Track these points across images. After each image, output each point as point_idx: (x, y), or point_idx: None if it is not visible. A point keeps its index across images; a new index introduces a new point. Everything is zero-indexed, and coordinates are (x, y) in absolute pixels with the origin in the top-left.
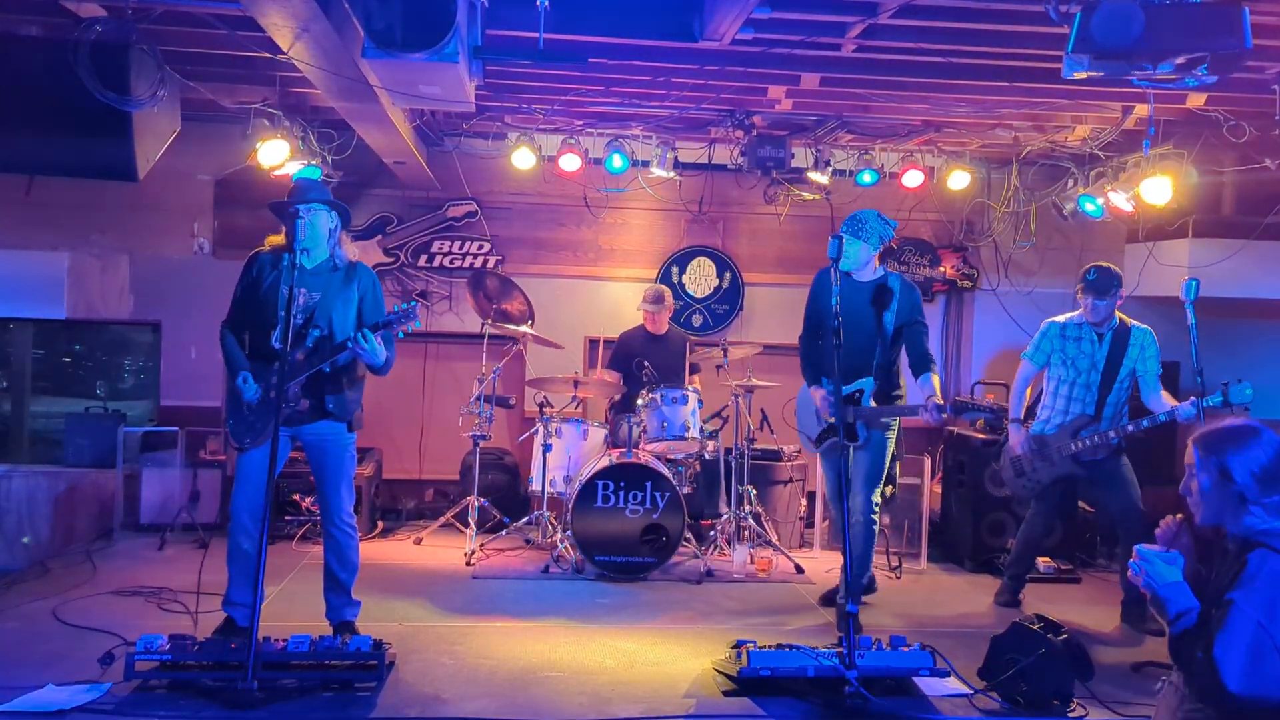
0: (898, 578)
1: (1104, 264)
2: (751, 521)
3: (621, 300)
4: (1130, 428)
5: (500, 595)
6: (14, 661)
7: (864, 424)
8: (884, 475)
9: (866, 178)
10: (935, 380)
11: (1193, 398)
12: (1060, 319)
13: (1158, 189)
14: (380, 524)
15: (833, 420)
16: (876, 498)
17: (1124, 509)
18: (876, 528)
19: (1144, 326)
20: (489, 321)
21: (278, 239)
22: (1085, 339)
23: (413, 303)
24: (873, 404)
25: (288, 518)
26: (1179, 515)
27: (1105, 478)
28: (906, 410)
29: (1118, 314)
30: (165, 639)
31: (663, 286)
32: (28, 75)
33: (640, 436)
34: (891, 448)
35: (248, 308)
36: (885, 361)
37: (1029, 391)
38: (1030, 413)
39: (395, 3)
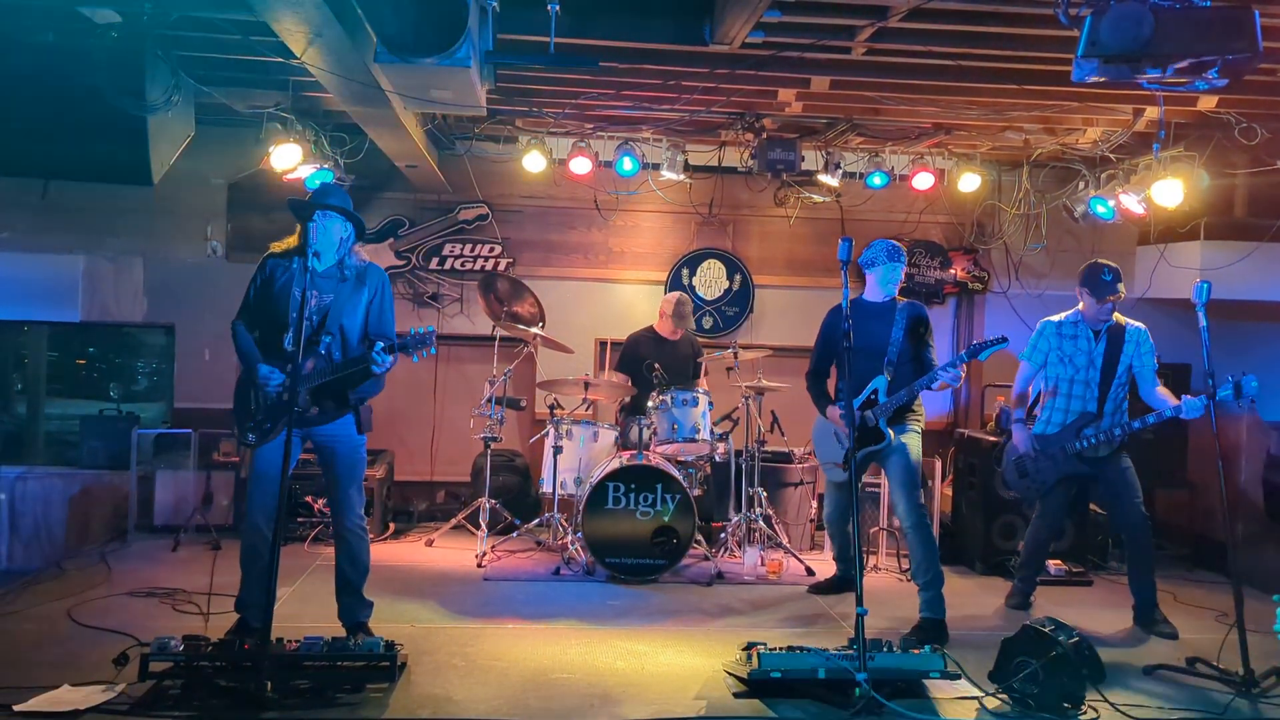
0: (908, 580)
1: (1112, 263)
2: (762, 524)
3: (632, 302)
4: (1136, 424)
5: (511, 597)
6: (30, 662)
7: (886, 422)
8: (920, 477)
9: (877, 180)
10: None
11: (1202, 394)
12: (1056, 318)
13: (1169, 191)
14: (392, 525)
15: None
16: (921, 499)
17: (1127, 514)
18: (930, 524)
19: (1138, 324)
20: (500, 324)
21: (291, 240)
22: (1081, 336)
23: (430, 329)
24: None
25: (300, 519)
26: None
27: (1109, 481)
28: (926, 381)
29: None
30: (179, 640)
31: (685, 296)
32: (44, 80)
33: (651, 438)
34: (919, 448)
35: (260, 308)
36: (897, 360)
37: (1029, 391)
38: (1030, 415)
39: (407, 8)
